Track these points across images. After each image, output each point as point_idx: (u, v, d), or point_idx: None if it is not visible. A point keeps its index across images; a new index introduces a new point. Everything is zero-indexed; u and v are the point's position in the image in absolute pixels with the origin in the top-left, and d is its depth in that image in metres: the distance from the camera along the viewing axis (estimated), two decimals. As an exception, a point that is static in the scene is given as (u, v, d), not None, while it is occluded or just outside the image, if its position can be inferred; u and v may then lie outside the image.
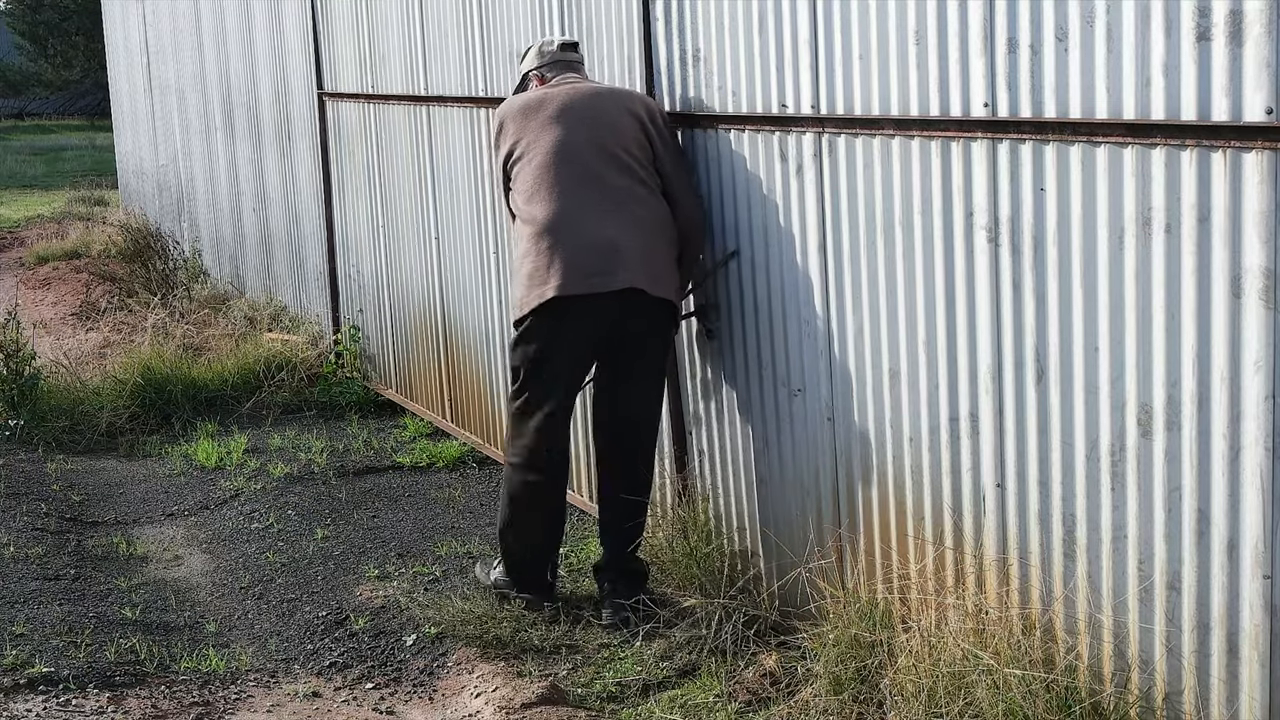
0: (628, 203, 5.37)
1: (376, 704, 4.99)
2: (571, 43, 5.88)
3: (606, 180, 5.40)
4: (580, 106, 5.52)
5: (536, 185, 5.44)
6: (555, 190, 5.39)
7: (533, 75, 5.84)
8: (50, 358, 9.49)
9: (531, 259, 5.35)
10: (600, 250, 5.30)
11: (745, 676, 4.78)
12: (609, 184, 5.39)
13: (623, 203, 5.37)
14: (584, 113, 5.50)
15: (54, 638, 5.47)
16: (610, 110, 5.50)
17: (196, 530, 6.96)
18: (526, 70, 5.88)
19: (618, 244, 5.30)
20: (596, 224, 5.33)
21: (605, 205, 5.36)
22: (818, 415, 4.91)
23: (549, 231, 5.34)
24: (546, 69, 5.80)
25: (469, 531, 6.60)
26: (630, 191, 5.39)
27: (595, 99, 5.57)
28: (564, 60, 5.80)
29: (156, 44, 14.54)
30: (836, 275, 4.72)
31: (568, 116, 5.49)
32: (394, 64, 8.19)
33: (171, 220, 14.34)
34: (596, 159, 5.41)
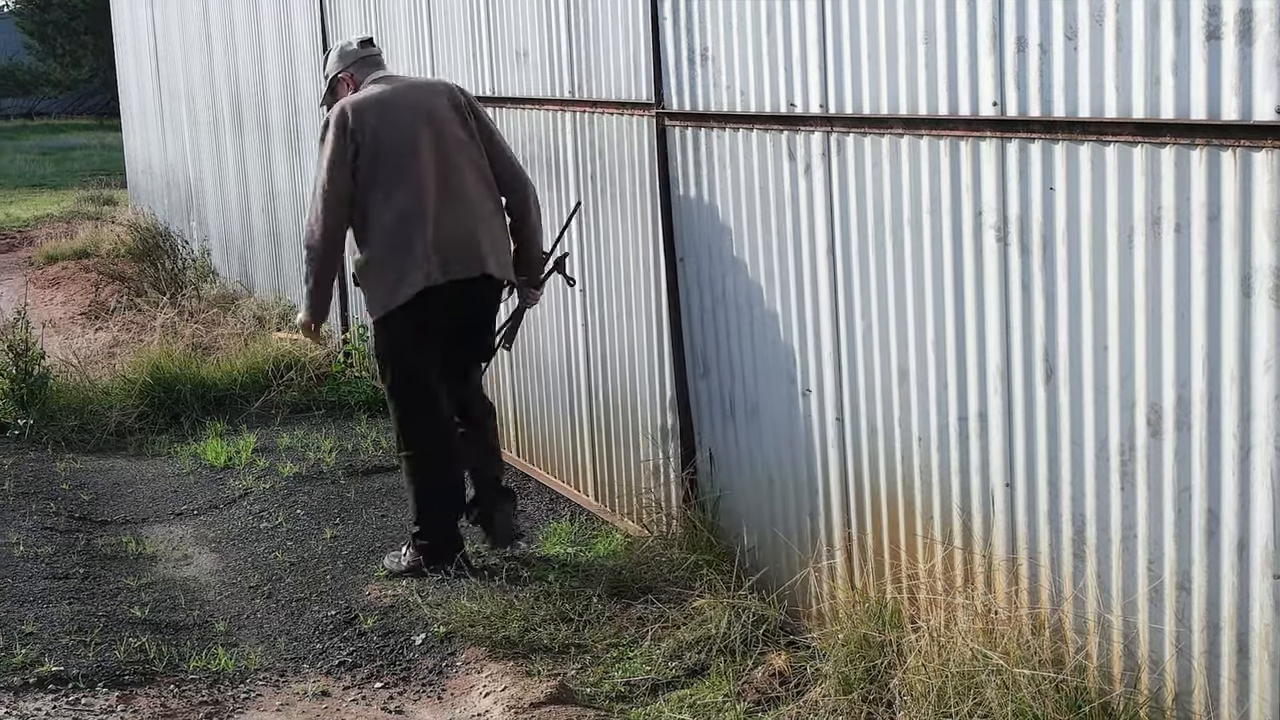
0: (472, 194, 5.87)
1: (385, 703, 4.99)
2: (368, 39, 6.20)
3: (451, 173, 5.83)
4: (414, 102, 5.89)
5: (392, 181, 5.75)
6: (412, 185, 5.75)
7: (342, 78, 6.12)
8: (59, 357, 9.50)
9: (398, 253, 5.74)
10: (460, 242, 5.80)
11: (754, 676, 4.78)
12: (455, 176, 5.84)
13: (468, 195, 5.86)
14: (419, 108, 5.87)
15: (63, 636, 5.48)
16: (437, 104, 5.91)
17: (205, 529, 6.97)
18: (334, 74, 6.15)
19: (475, 235, 5.84)
20: (453, 217, 5.79)
21: (457, 197, 5.82)
22: (827, 415, 4.91)
23: (414, 225, 5.74)
24: (354, 69, 6.10)
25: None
26: (473, 183, 5.88)
27: (419, 92, 5.97)
28: (367, 57, 6.11)
29: (165, 43, 14.56)
30: (845, 275, 4.71)
31: (407, 113, 5.84)
32: (402, 64, 8.19)
33: (180, 219, 14.36)
34: (441, 152, 5.82)
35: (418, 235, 5.75)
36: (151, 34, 15.27)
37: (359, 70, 6.10)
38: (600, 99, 6.10)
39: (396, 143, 5.79)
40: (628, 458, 6.24)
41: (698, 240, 5.53)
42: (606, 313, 6.27)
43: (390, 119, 5.83)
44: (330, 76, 6.19)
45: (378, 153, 5.78)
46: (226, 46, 11.96)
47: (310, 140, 9.92)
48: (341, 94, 6.10)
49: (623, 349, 6.18)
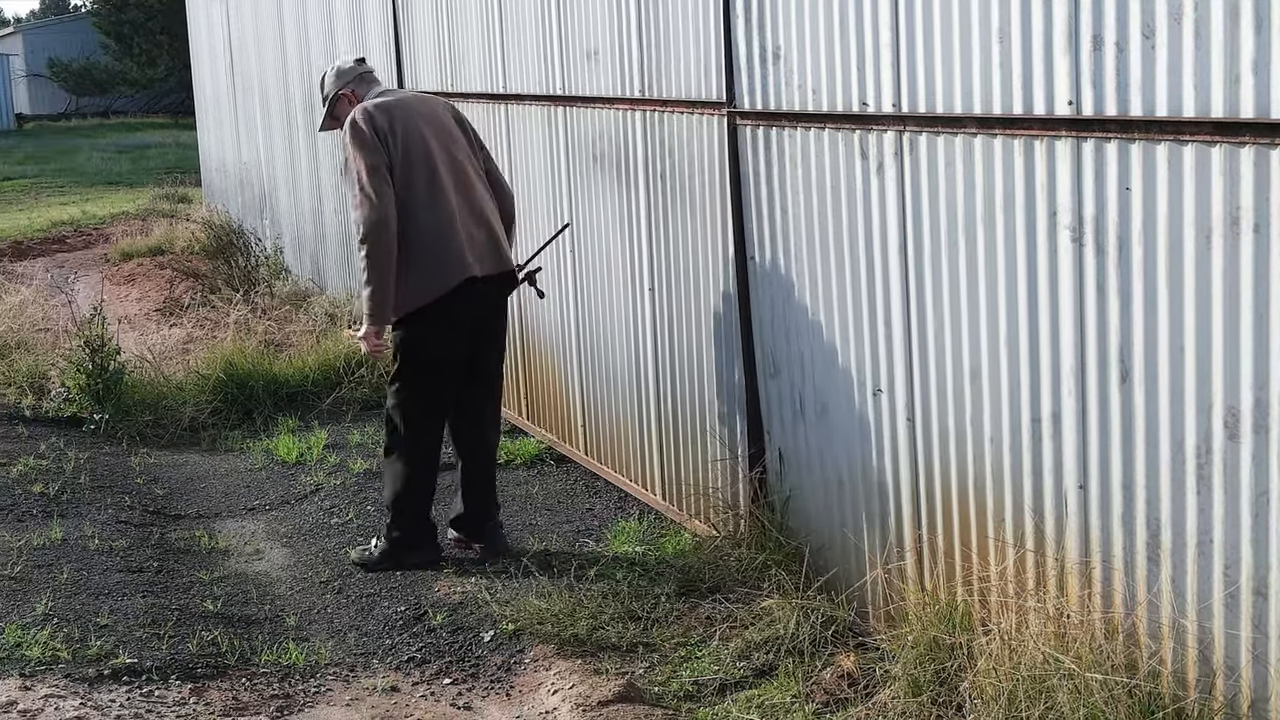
0: (483, 199, 6.18)
1: (454, 699, 5.01)
2: (362, 58, 6.50)
3: (466, 178, 6.13)
4: (424, 112, 6.16)
5: (424, 182, 5.97)
6: (441, 187, 6.00)
7: (343, 94, 6.36)
8: (135, 353, 9.62)
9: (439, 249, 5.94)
10: (484, 240, 6.10)
11: (823, 677, 4.76)
12: (471, 181, 6.15)
13: (481, 200, 6.16)
14: (429, 117, 6.15)
15: (137, 629, 5.54)
16: (442, 115, 6.23)
17: (277, 524, 7.03)
18: (335, 91, 6.37)
19: (494, 235, 6.17)
20: (474, 218, 6.08)
21: (473, 199, 6.11)
22: (897, 415, 4.88)
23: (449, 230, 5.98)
24: (354, 85, 6.35)
25: (547, 528, 6.62)
26: (480, 187, 6.20)
27: (425, 104, 6.25)
28: (364, 74, 6.38)
29: (240, 42, 14.70)
30: (917, 274, 4.68)
31: (424, 121, 6.09)
32: (473, 62, 8.23)
33: (254, 217, 14.49)
34: (460, 158, 6.13)
35: (454, 233, 6.00)
36: (226, 33, 15.42)
37: (359, 86, 6.34)
38: (671, 98, 6.10)
39: (421, 147, 6.02)
40: (696, 457, 6.24)
41: (768, 239, 5.51)
42: (675, 312, 6.26)
43: (410, 125, 6.05)
44: (331, 95, 6.39)
45: (407, 155, 5.98)
46: (300, 46, 12.06)
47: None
48: (343, 110, 6.33)
49: (692, 348, 6.18)
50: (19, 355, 9.97)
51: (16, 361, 9.79)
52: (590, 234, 7.00)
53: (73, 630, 5.49)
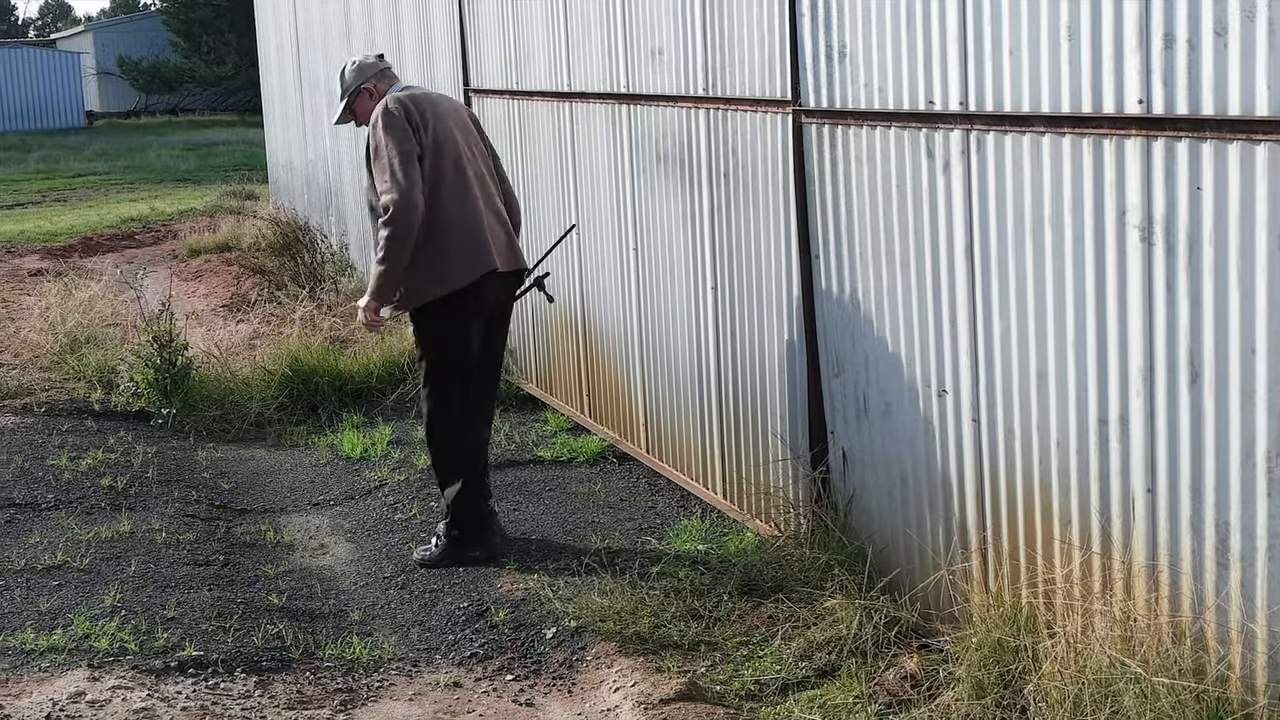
0: (497, 196, 6.35)
1: (516, 695, 5.03)
2: (380, 54, 6.59)
3: (485, 177, 6.29)
4: (448, 109, 6.31)
5: (451, 173, 6.10)
6: (467, 180, 6.16)
7: (365, 88, 6.40)
8: (201, 348, 9.71)
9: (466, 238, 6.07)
10: (503, 236, 6.26)
11: (886, 678, 4.74)
12: (487, 180, 6.30)
13: (497, 198, 6.34)
14: (454, 114, 6.30)
15: (204, 622, 5.59)
16: (463, 114, 6.39)
17: (341, 520, 7.07)
18: (357, 85, 6.41)
19: (511, 231, 6.35)
20: (493, 213, 6.24)
21: (491, 196, 6.28)
22: (963, 416, 4.85)
23: (476, 221, 6.12)
24: (375, 80, 6.40)
25: (609, 526, 6.63)
26: (495, 186, 6.36)
27: (448, 101, 6.41)
28: (385, 70, 6.46)
29: (307, 41, 14.80)
30: (983, 274, 4.65)
31: (450, 119, 6.22)
32: (538, 60, 8.25)
33: (320, 214, 14.59)
34: (477, 158, 6.28)
35: (480, 226, 6.15)
36: (294, 32, 15.53)
37: (380, 81, 6.41)
38: (735, 96, 6.09)
39: (449, 140, 6.15)
40: (758, 456, 6.23)
41: (833, 238, 5.49)
42: (738, 310, 6.25)
43: (438, 119, 6.16)
44: (352, 89, 6.43)
45: (436, 147, 6.09)
46: (366, 45, 12.13)
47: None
48: (363, 105, 6.40)
49: (754, 347, 6.17)
50: (89, 350, 10.09)
51: (86, 356, 9.91)
52: (653, 233, 7.00)
53: (140, 622, 5.55)
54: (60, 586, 5.99)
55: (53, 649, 5.31)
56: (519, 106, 8.62)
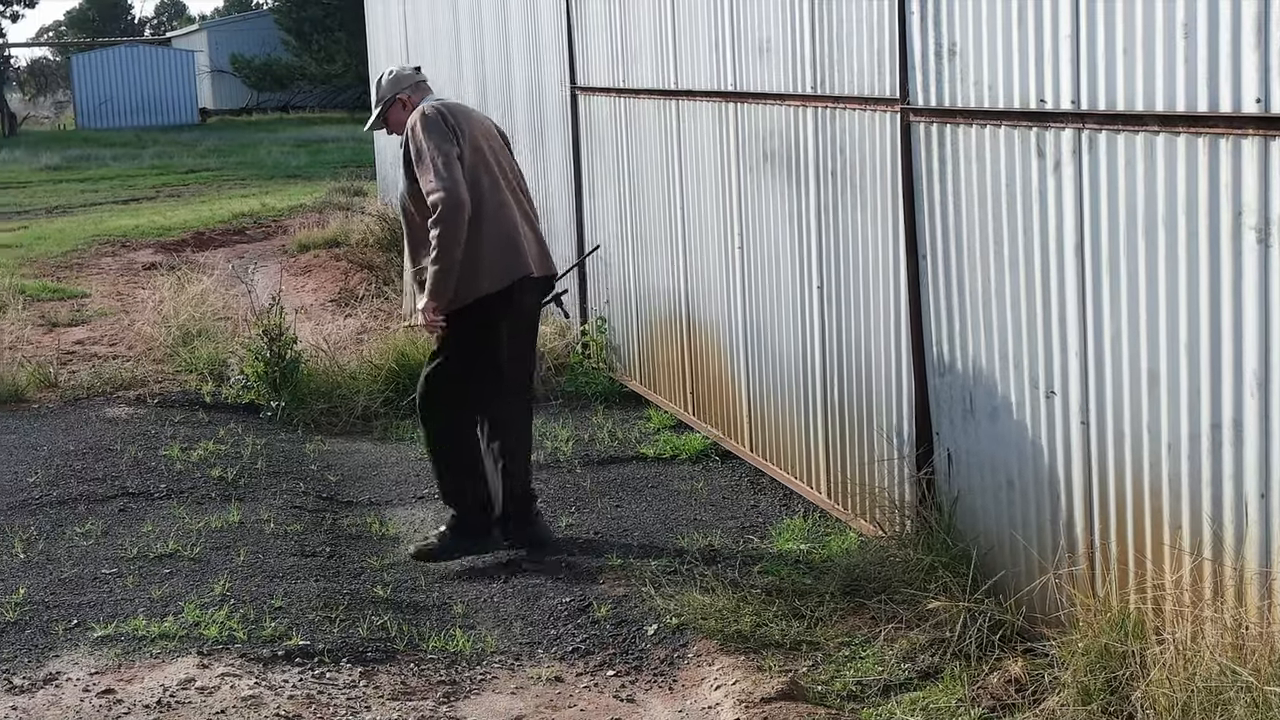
0: (527, 203, 6.49)
1: (617, 691, 5.04)
2: (418, 67, 6.75)
3: (516, 185, 6.43)
4: (480, 119, 6.49)
5: (489, 178, 6.22)
6: (504, 186, 6.28)
7: (400, 98, 6.54)
8: (310, 342, 9.82)
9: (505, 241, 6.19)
10: (539, 242, 6.42)
11: (989, 681, 4.70)
12: (518, 188, 6.44)
13: (525, 203, 6.47)
14: (486, 125, 6.48)
15: (310, 612, 5.66)
16: (493, 126, 6.57)
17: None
18: (393, 95, 6.54)
19: (541, 240, 6.48)
20: (529, 221, 6.39)
21: (522, 205, 6.41)
22: (1071, 418, 4.79)
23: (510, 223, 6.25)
24: (410, 91, 6.54)
25: (711, 524, 6.63)
26: (525, 194, 6.52)
27: (480, 114, 6.59)
28: (420, 82, 6.60)
29: (416, 39, 14.93)
30: (1094, 275, 4.59)
31: (482, 128, 6.39)
32: (645, 58, 8.26)
33: (426, 211, 14.69)
34: (507, 166, 6.42)
35: (516, 230, 6.27)
36: (403, 30, 15.68)
37: (414, 93, 6.54)
38: (843, 94, 6.06)
39: (485, 147, 6.30)
40: (863, 455, 6.19)
41: (940, 237, 5.45)
42: (844, 309, 6.23)
43: (473, 127, 6.32)
44: (388, 98, 6.56)
45: (474, 152, 6.22)
46: (474, 44, 12.22)
47: (553, 135, 10.07)
48: (396, 114, 6.54)
49: (860, 345, 6.14)
50: (200, 343, 10.26)
51: (198, 349, 10.07)
52: (759, 231, 6.99)
53: (248, 611, 5.64)
54: (171, 575, 6.10)
55: (164, 636, 5.41)
56: (625, 104, 8.64)
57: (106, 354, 10.83)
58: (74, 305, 13.14)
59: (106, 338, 11.52)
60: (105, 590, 5.94)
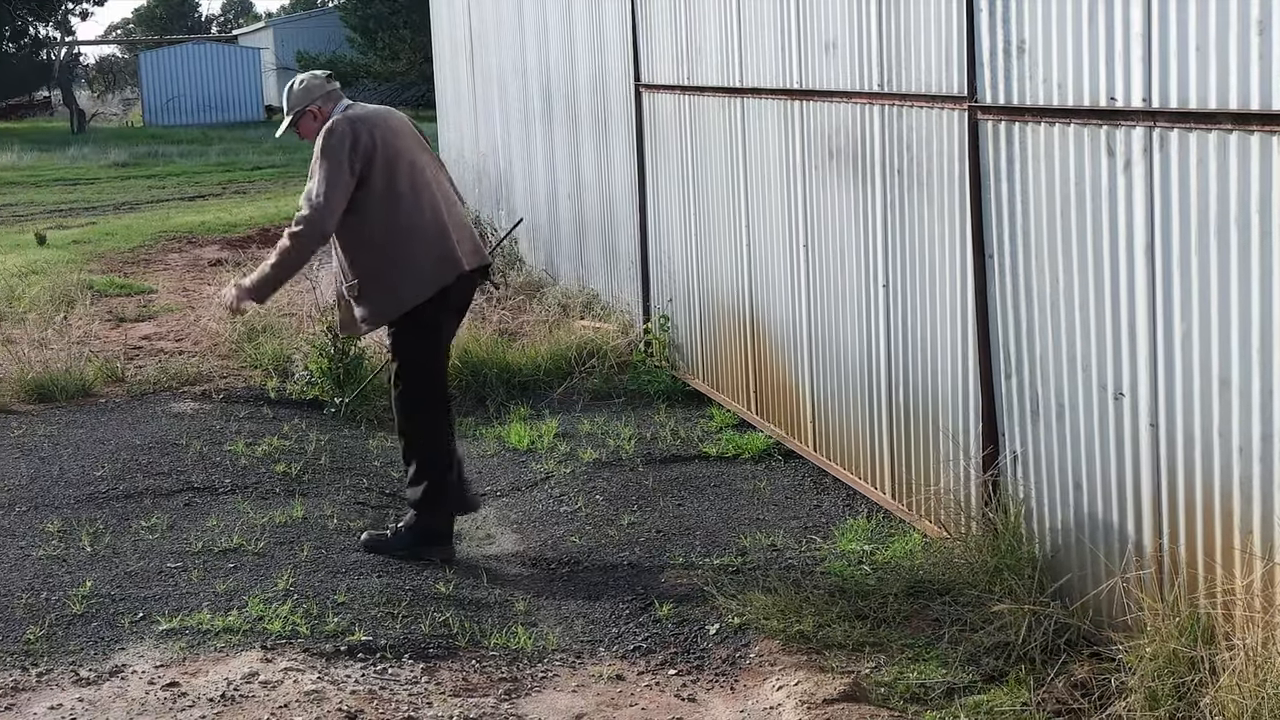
0: (456, 199, 6.67)
1: (678, 690, 5.03)
2: (330, 74, 6.75)
3: (443, 181, 6.61)
4: (395, 123, 6.54)
5: (411, 184, 6.35)
6: (428, 189, 6.42)
7: (310, 110, 6.57)
8: (374, 339, 9.85)
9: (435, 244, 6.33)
10: (469, 236, 6.59)
11: (1055, 686, 4.65)
12: (445, 184, 6.62)
13: (454, 199, 6.64)
14: (401, 127, 6.53)
15: (372, 608, 5.69)
16: (409, 127, 6.63)
17: (508, 511, 7.14)
18: (303, 107, 6.57)
19: (474, 231, 6.67)
20: (456, 216, 6.54)
21: (450, 200, 6.56)
22: (1140, 420, 4.74)
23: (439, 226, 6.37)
24: (321, 102, 6.56)
25: (774, 524, 6.60)
26: (451, 190, 6.66)
27: (394, 116, 6.61)
28: (331, 91, 6.60)
29: (480, 37, 14.97)
30: (1164, 276, 4.54)
31: (396, 135, 6.44)
32: (710, 55, 8.24)
33: (490, 208, 14.75)
34: (429, 163, 6.55)
35: (444, 231, 6.40)
36: (467, 27, 15.72)
37: (325, 103, 6.57)
38: (910, 92, 6.02)
39: (402, 153, 6.39)
40: (927, 456, 6.15)
41: (1008, 236, 5.40)
42: (909, 308, 6.18)
43: (387, 135, 6.39)
44: (298, 110, 6.60)
45: (388, 163, 6.32)
46: (539, 40, 12.23)
47: (617, 132, 10.07)
48: (307, 125, 6.60)
49: (925, 345, 6.09)
50: (265, 339, 10.33)
51: (263, 345, 10.14)
52: (824, 229, 6.95)
53: (311, 606, 5.67)
54: (236, 569, 6.14)
55: (228, 630, 5.45)
56: (689, 102, 8.62)
57: (172, 349, 10.93)
58: (141, 301, 13.26)
59: (173, 333, 11.62)
60: (170, 584, 5.99)
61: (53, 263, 15.46)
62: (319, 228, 6.25)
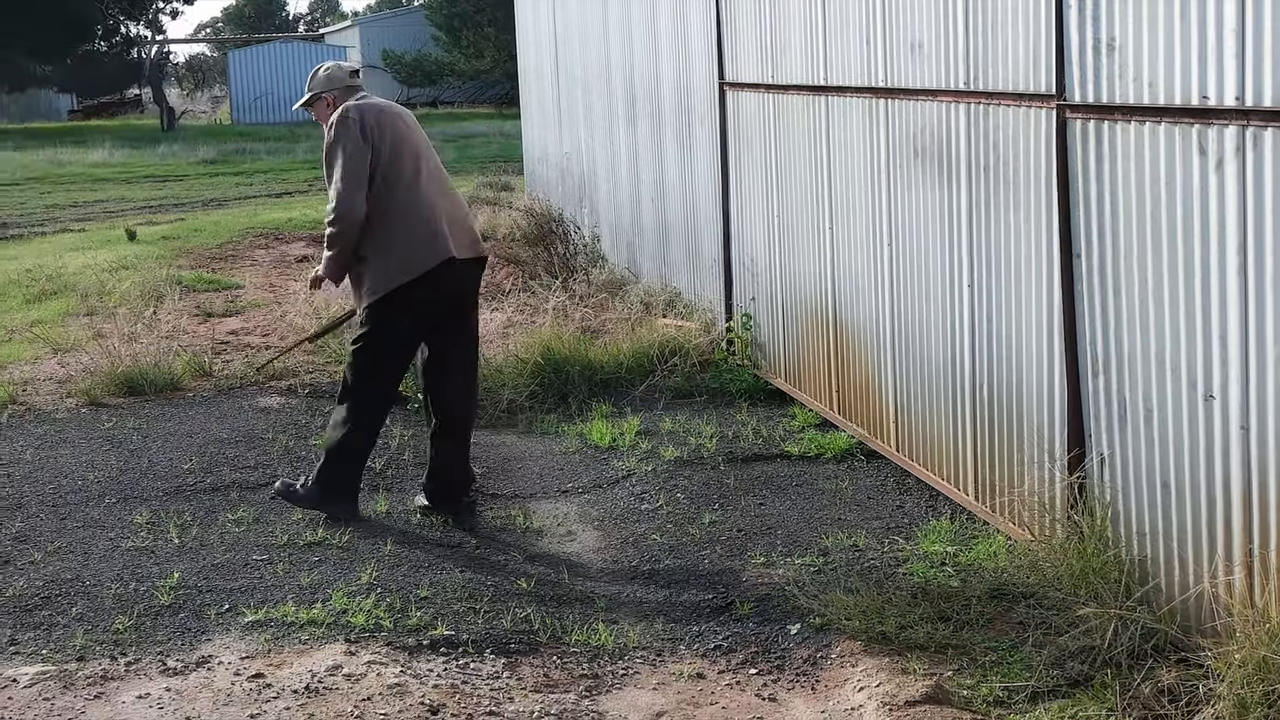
0: (453, 191, 7.02)
1: (759, 690, 5.02)
2: (355, 70, 7.25)
3: (438, 172, 6.93)
4: (399, 114, 6.94)
5: (409, 173, 6.73)
6: (424, 178, 6.77)
7: (325, 97, 7.09)
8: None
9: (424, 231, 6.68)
10: (463, 228, 6.88)
11: (1141, 691, 4.59)
12: (440, 175, 6.94)
13: (453, 191, 7.01)
14: (404, 119, 6.93)
15: (455, 603, 5.72)
16: (414, 122, 7.02)
17: (589, 507, 7.16)
18: (320, 92, 7.11)
19: (469, 224, 7.00)
20: (452, 207, 6.88)
21: (448, 192, 6.93)
22: (1230, 422, 4.67)
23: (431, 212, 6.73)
24: (339, 94, 7.04)
25: (856, 524, 6.57)
26: (449, 183, 7.02)
27: (397, 109, 6.99)
28: (351, 85, 7.09)
29: (564, 35, 15.01)
30: (1257, 277, 4.47)
31: (403, 127, 6.85)
32: (794, 54, 8.21)
33: (573, 206, 14.79)
34: (429, 154, 6.91)
35: (437, 219, 6.74)
36: (552, 26, 15.77)
37: (343, 96, 7.03)
38: (997, 90, 5.97)
39: (405, 145, 6.79)
40: (1012, 458, 6.09)
41: (1096, 236, 5.34)
42: (995, 308, 6.13)
43: (394, 126, 6.82)
44: (317, 93, 7.13)
45: (394, 151, 6.74)
46: (623, 40, 12.25)
47: (700, 131, 10.06)
48: (320, 110, 7.10)
49: (1010, 346, 6.04)
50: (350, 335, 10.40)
51: (347, 340, 10.20)
52: (908, 229, 6.91)
53: (394, 600, 5.71)
54: (320, 562, 6.20)
55: (312, 622, 5.50)
56: (773, 100, 8.60)
57: (259, 344, 11.05)
58: (228, 296, 13.42)
59: (259, 328, 11.75)
60: (256, 576, 6.05)
61: (142, 258, 15.69)
62: (349, 213, 6.64)
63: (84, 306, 12.73)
